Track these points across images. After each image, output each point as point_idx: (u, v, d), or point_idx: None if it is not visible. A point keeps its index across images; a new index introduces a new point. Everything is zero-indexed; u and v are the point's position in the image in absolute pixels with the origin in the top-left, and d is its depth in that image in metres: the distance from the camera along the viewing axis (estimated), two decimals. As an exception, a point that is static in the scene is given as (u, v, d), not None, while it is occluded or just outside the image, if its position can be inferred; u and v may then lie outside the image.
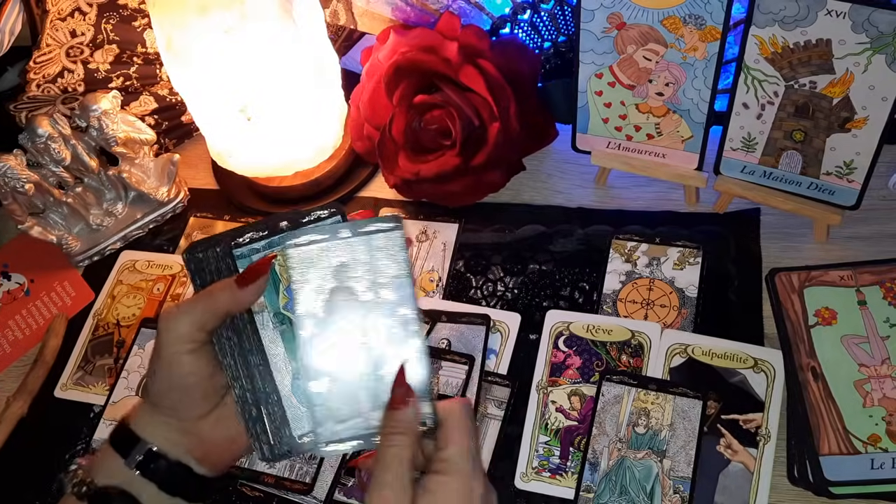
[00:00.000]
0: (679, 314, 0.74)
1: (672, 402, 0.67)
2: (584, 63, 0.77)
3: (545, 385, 0.72)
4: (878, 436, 0.63)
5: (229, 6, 0.72)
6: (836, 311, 0.70)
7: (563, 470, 0.68)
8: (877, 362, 0.67)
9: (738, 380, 0.68)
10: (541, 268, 0.80)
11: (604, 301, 0.76)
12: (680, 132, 0.78)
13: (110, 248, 0.91)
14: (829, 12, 0.63)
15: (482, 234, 0.84)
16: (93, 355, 0.82)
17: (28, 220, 0.87)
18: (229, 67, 0.76)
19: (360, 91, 0.86)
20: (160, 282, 0.86)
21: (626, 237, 0.80)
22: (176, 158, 0.92)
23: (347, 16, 0.92)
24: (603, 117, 0.80)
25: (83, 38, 0.96)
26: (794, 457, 0.65)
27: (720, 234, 0.79)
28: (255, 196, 0.92)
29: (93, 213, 0.91)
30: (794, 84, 0.69)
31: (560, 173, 0.87)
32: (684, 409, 0.67)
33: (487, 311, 0.76)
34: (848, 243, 0.77)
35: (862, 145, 0.69)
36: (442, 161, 0.81)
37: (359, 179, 0.91)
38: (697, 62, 0.72)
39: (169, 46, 0.76)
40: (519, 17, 0.85)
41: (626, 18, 0.72)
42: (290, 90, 0.81)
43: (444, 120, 0.80)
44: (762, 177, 0.76)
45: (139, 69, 0.96)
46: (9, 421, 0.79)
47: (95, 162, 0.88)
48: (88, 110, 0.85)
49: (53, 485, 0.75)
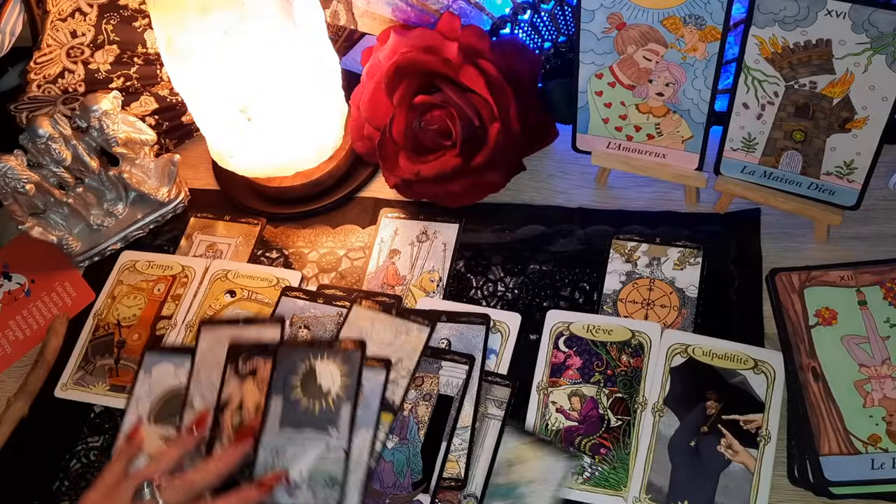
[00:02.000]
0: (679, 314, 0.74)
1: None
2: (585, 63, 0.77)
3: (545, 386, 0.72)
4: (879, 436, 0.63)
5: (229, 6, 0.72)
6: (836, 311, 0.70)
7: (564, 470, 0.68)
8: (877, 362, 0.67)
9: (739, 380, 0.68)
10: (541, 268, 0.80)
11: (604, 301, 0.76)
12: (680, 132, 0.78)
13: (111, 249, 0.91)
14: (829, 12, 0.63)
15: (482, 235, 0.84)
16: (93, 355, 0.82)
17: (29, 221, 0.87)
18: (229, 67, 0.76)
19: (361, 91, 0.87)
20: (161, 282, 0.86)
21: (627, 237, 0.80)
22: (176, 159, 0.92)
23: (347, 16, 0.92)
24: (603, 117, 0.80)
25: (84, 39, 0.96)
26: (795, 457, 0.65)
27: (720, 234, 0.79)
28: (256, 196, 0.92)
29: (93, 214, 0.91)
30: (795, 84, 0.69)
31: (560, 173, 0.87)
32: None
33: (488, 310, 0.76)
34: (848, 243, 0.77)
35: (862, 145, 0.69)
36: (442, 161, 0.81)
37: (359, 179, 0.91)
38: (697, 62, 0.72)
39: (169, 47, 0.76)
40: (519, 18, 0.85)
41: (627, 18, 0.72)
42: (291, 90, 0.81)
43: (444, 120, 0.80)
44: (762, 177, 0.76)
45: (139, 69, 0.96)
46: (9, 421, 0.79)
47: (96, 162, 0.88)
48: (89, 111, 0.85)
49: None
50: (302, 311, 0.79)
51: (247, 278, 0.84)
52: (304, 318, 0.79)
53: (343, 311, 0.77)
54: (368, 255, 0.85)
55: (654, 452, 0.67)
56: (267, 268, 0.86)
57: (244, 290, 0.84)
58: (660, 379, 0.70)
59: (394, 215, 0.87)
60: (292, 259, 0.86)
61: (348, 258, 0.85)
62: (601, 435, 0.69)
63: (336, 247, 0.87)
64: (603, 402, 0.70)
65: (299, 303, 0.80)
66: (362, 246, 0.86)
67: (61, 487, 0.75)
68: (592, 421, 0.70)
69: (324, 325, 0.78)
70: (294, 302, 0.80)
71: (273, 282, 0.84)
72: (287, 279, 0.83)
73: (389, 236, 0.85)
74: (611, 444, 0.68)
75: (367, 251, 0.85)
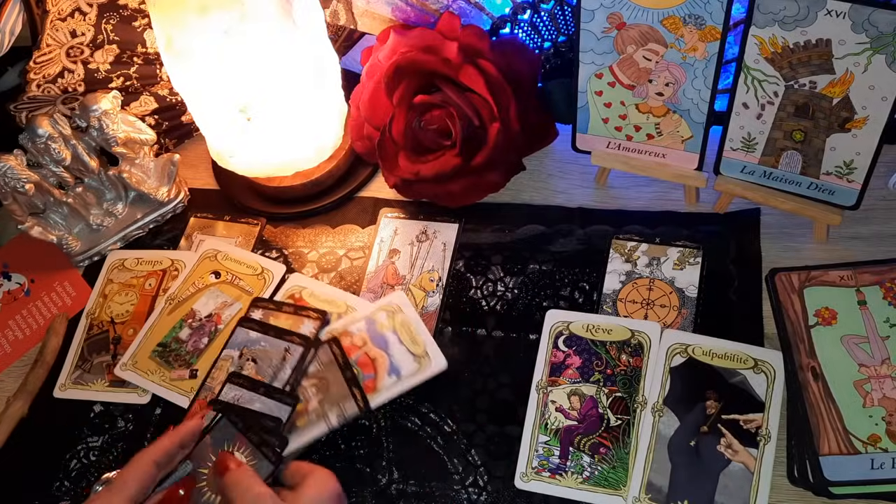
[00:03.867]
0: (679, 314, 0.74)
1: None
2: (584, 63, 0.77)
3: (545, 385, 0.72)
4: (878, 436, 0.63)
5: (229, 6, 0.72)
6: (836, 311, 0.70)
7: (563, 470, 0.68)
8: (877, 362, 0.67)
9: (739, 380, 0.68)
10: (541, 268, 0.80)
11: (604, 301, 0.76)
12: (680, 132, 0.78)
13: (110, 249, 0.91)
14: (829, 12, 0.63)
15: (482, 234, 0.84)
16: (89, 353, 0.82)
17: (28, 220, 0.87)
18: (229, 67, 0.76)
19: (360, 91, 0.87)
20: (151, 277, 0.87)
21: (626, 237, 0.80)
22: (176, 158, 0.92)
23: (347, 16, 0.92)
24: (603, 117, 0.80)
25: (83, 39, 0.96)
26: (795, 457, 0.65)
27: (720, 234, 0.79)
28: (256, 196, 0.92)
29: (93, 214, 0.91)
30: (794, 84, 0.69)
31: (560, 173, 0.87)
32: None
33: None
34: (848, 243, 0.77)
35: (862, 145, 0.69)
36: (442, 161, 0.81)
37: (359, 179, 0.91)
38: (697, 62, 0.72)
39: (169, 46, 0.76)
40: (519, 17, 0.85)
41: (626, 18, 0.72)
42: (290, 90, 0.81)
43: (444, 120, 0.80)
44: (762, 177, 0.76)
45: (139, 69, 0.96)
46: (9, 421, 0.79)
47: (95, 162, 0.88)
48: (89, 110, 0.85)
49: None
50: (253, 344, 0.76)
51: (234, 262, 0.85)
52: (253, 352, 0.76)
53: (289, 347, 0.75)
54: (368, 254, 0.85)
55: (653, 452, 0.67)
56: (255, 256, 0.86)
57: (228, 274, 0.85)
58: (659, 378, 0.70)
59: (393, 215, 0.87)
60: (292, 259, 0.86)
61: (348, 258, 0.85)
62: (601, 434, 0.69)
63: (336, 246, 0.87)
64: (602, 402, 0.70)
65: (252, 334, 0.77)
66: (362, 246, 0.86)
67: (61, 487, 0.75)
68: (592, 420, 0.70)
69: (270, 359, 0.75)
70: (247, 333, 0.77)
71: (258, 270, 0.84)
72: (271, 270, 0.84)
73: (389, 236, 0.85)
74: (610, 444, 0.68)
75: (366, 251, 0.85)
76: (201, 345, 0.80)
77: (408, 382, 0.72)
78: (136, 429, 0.77)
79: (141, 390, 0.79)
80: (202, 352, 0.80)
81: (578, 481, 0.67)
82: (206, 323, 0.81)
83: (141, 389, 0.79)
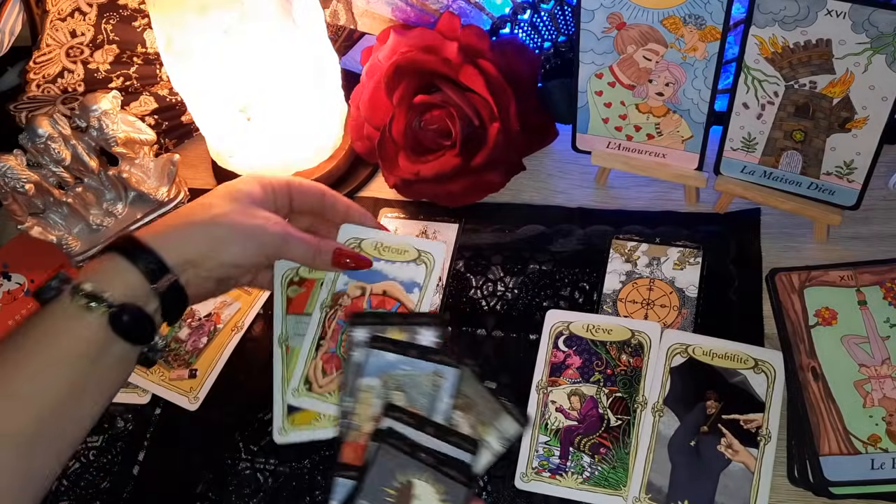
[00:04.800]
0: (679, 314, 0.74)
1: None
2: (584, 63, 0.77)
3: (545, 385, 0.72)
4: (878, 436, 0.63)
5: (229, 6, 0.72)
6: (836, 311, 0.70)
7: (563, 470, 0.68)
8: (877, 362, 0.67)
9: (739, 380, 0.68)
10: (541, 268, 0.80)
11: (604, 301, 0.76)
12: (680, 132, 0.78)
13: (110, 249, 0.91)
14: (829, 12, 0.63)
15: (482, 234, 0.84)
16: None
17: (28, 220, 0.87)
18: (229, 67, 0.76)
19: (360, 91, 0.86)
20: None
21: (626, 237, 0.80)
22: (176, 158, 0.92)
23: (347, 16, 0.92)
24: (603, 117, 0.80)
25: (83, 39, 0.96)
26: (795, 457, 0.65)
27: (720, 234, 0.79)
28: (255, 196, 0.92)
29: (93, 214, 0.91)
30: (795, 84, 0.69)
31: (560, 173, 0.87)
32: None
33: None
34: (848, 243, 0.77)
35: (862, 145, 0.69)
36: (442, 161, 0.81)
37: (359, 179, 0.91)
38: (697, 62, 0.72)
39: (169, 46, 0.76)
40: (519, 17, 0.85)
41: (626, 18, 0.72)
42: (290, 90, 0.81)
43: (444, 120, 0.80)
44: (762, 177, 0.76)
45: (139, 69, 0.96)
46: (9, 421, 0.79)
47: (95, 162, 0.88)
48: (88, 110, 0.85)
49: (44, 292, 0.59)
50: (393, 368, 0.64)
51: None
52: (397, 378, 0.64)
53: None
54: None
55: (653, 452, 0.67)
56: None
57: None
58: (660, 378, 0.70)
59: (393, 215, 0.87)
60: (292, 259, 0.86)
61: (348, 258, 0.85)
62: (601, 434, 0.69)
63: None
64: (602, 402, 0.70)
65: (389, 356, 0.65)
66: (362, 246, 0.86)
67: (61, 487, 0.75)
68: (592, 420, 0.70)
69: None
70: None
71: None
72: None
73: (389, 236, 0.85)
74: (610, 444, 0.68)
75: (366, 251, 0.85)
76: (200, 344, 0.80)
77: (432, 280, 0.67)
78: (135, 429, 0.77)
79: (141, 390, 0.79)
80: (201, 351, 0.80)
81: (578, 481, 0.67)
82: (205, 322, 0.81)
83: (141, 389, 0.79)
